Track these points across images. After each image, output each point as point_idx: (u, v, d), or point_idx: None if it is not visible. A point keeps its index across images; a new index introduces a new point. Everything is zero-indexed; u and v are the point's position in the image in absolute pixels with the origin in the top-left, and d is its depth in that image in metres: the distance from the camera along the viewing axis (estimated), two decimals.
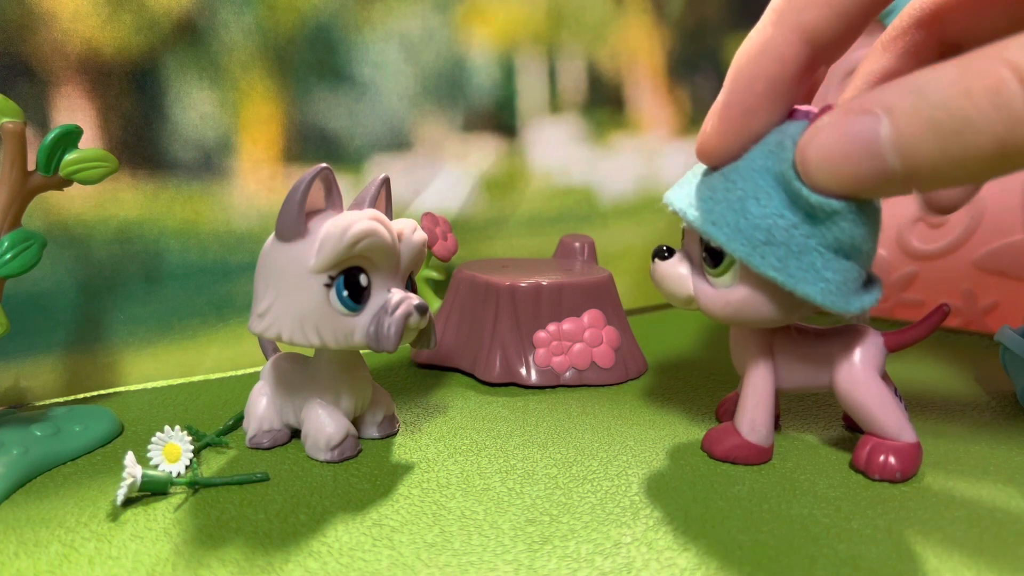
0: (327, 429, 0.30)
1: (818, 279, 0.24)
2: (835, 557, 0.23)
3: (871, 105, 0.20)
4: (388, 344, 0.27)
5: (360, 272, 0.28)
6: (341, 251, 0.27)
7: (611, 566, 0.22)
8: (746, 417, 0.29)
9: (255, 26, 0.43)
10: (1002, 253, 0.52)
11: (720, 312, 0.27)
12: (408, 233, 0.29)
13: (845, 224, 0.24)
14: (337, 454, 0.30)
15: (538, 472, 0.29)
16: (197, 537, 0.24)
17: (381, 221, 0.27)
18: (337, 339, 0.28)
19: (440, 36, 0.50)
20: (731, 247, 0.25)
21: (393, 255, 0.28)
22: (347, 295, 0.27)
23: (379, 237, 0.27)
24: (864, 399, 0.28)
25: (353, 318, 0.28)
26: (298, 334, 0.28)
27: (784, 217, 0.24)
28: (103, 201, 0.39)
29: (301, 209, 0.27)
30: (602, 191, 0.59)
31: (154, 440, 0.28)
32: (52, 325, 0.39)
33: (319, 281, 0.27)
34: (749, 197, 0.25)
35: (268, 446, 0.31)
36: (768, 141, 0.25)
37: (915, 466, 0.28)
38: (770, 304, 0.26)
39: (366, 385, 0.32)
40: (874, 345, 0.29)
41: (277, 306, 0.28)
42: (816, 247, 0.24)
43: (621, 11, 0.58)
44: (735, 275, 0.26)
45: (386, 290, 0.28)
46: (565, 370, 0.40)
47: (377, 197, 0.30)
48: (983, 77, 0.18)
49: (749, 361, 0.30)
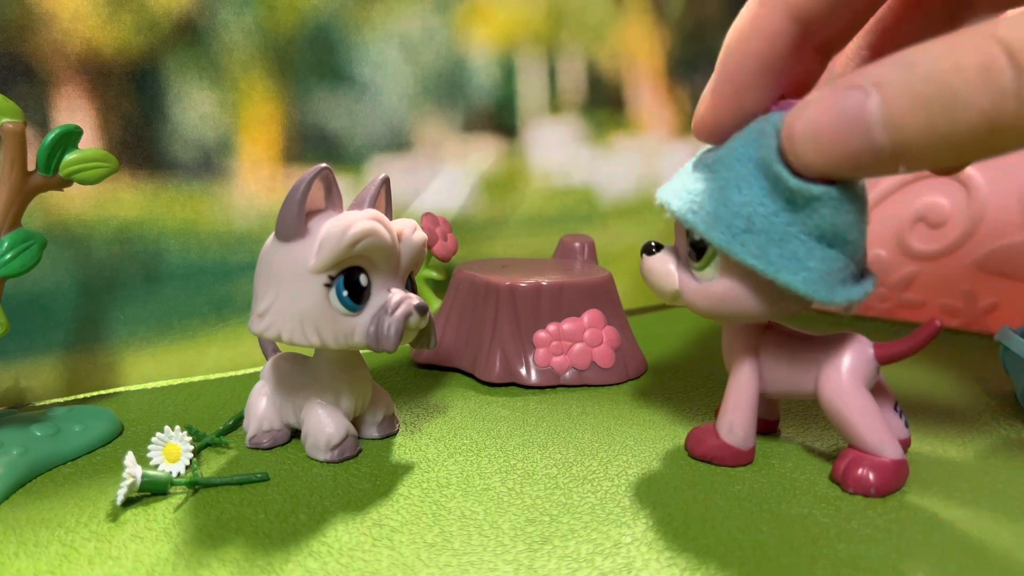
0: (327, 429, 0.30)
1: (800, 268, 0.24)
2: (835, 557, 0.23)
3: (860, 80, 0.20)
4: (388, 344, 0.27)
5: (360, 272, 0.28)
6: (341, 251, 0.27)
7: (611, 566, 0.22)
8: (725, 419, 0.29)
9: (255, 26, 0.43)
10: (1002, 253, 0.52)
11: (703, 306, 0.27)
12: (408, 233, 0.29)
13: (826, 211, 0.23)
14: (337, 454, 0.30)
15: (538, 472, 0.29)
16: (197, 537, 0.24)
17: (381, 221, 0.27)
18: (337, 339, 0.28)
19: (440, 36, 0.50)
20: (711, 235, 0.25)
21: (393, 255, 0.28)
22: (347, 295, 0.27)
23: (379, 237, 0.27)
24: (846, 410, 0.27)
25: (353, 318, 0.28)
26: (298, 334, 0.28)
27: (764, 205, 0.24)
28: (103, 201, 0.39)
29: (301, 209, 0.27)
30: (602, 191, 0.59)
31: (154, 440, 0.28)
32: (52, 325, 0.39)
33: (319, 281, 0.27)
34: (730, 185, 0.24)
35: (268, 446, 0.31)
36: (750, 130, 0.24)
37: (893, 483, 0.27)
38: (752, 297, 0.26)
39: (366, 385, 0.32)
40: (862, 355, 0.27)
41: (277, 306, 0.28)
42: (797, 235, 0.24)
43: (621, 11, 0.58)
44: (717, 267, 0.26)
45: (386, 290, 0.28)
46: (565, 370, 0.40)
47: (377, 197, 0.30)
48: (974, 53, 0.18)
49: (734, 361, 0.29)
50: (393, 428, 0.33)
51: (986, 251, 0.52)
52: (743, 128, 0.25)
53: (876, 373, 0.28)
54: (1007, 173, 0.51)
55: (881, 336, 0.29)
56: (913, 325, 0.51)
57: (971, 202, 0.52)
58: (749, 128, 0.25)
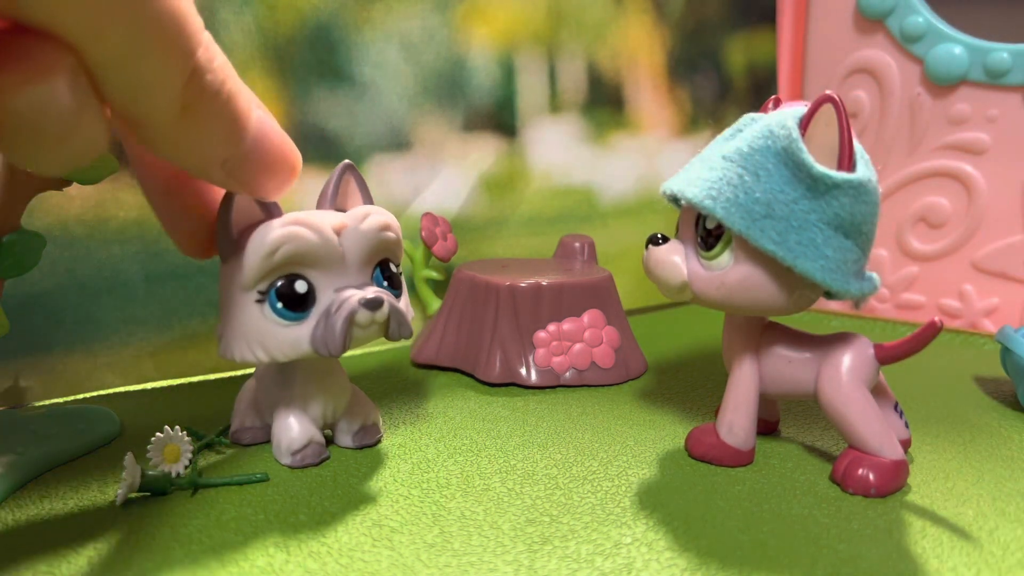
0: (290, 434, 0.29)
1: (818, 256, 0.24)
2: (835, 557, 0.23)
3: None
4: (334, 347, 0.26)
5: (298, 279, 0.26)
6: (260, 264, 0.26)
7: (611, 566, 0.22)
8: (725, 418, 0.29)
9: (255, 26, 0.43)
10: (1002, 253, 0.52)
11: (715, 295, 0.27)
12: (354, 223, 0.27)
13: (845, 199, 0.24)
14: (298, 459, 0.29)
15: (538, 472, 0.29)
16: (197, 537, 0.24)
17: (304, 223, 0.26)
18: (285, 352, 0.27)
19: (440, 36, 0.50)
20: (730, 221, 0.25)
21: (329, 254, 0.26)
22: (282, 307, 0.26)
23: (299, 242, 0.26)
24: (846, 410, 0.27)
25: (298, 327, 0.26)
26: (248, 353, 0.27)
27: (784, 192, 0.24)
28: (103, 201, 0.39)
29: (227, 226, 0.26)
30: (602, 191, 0.59)
31: (154, 440, 0.28)
32: (52, 325, 0.39)
33: (251, 297, 0.26)
34: (749, 173, 0.25)
35: (247, 442, 0.31)
36: (755, 128, 0.26)
37: (894, 483, 0.27)
38: (767, 285, 0.26)
39: (340, 392, 0.31)
40: (862, 355, 0.27)
41: (227, 328, 0.27)
42: (816, 223, 0.24)
43: (621, 11, 0.58)
44: (731, 255, 0.26)
45: (333, 290, 0.27)
46: (565, 370, 0.40)
47: (339, 188, 0.29)
48: None
49: (734, 361, 0.29)
50: (370, 439, 0.32)
51: (986, 251, 0.52)
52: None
53: (876, 373, 0.28)
54: (1007, 173, 0.51)
55: (881, 336, 0.29)
56: (913, 325, 0.50)
57: (971, 202, 0.52)
58: (753, 126, 0.25)
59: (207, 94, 0.19)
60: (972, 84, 0.51)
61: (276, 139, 0.23)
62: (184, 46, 0.18)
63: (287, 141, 0.23)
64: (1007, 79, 0.50)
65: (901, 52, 0.53)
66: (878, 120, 0.55)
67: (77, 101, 0.16)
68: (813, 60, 0.58)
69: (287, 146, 0.23)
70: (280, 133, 0.23)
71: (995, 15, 0.56)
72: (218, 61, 0.19)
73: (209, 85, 0.19)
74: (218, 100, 0.20)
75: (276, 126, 0.23)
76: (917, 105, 0.53)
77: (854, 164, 0.25)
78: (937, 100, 0.53)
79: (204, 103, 0.19)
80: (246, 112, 0.21)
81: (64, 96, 0.16)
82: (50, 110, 0.16)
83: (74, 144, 0.17)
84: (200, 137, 0.20)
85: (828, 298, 0.27)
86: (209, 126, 0.20)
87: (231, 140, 0.21)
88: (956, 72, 0.51)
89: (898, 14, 0.53)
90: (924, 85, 0.53)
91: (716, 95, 0.63)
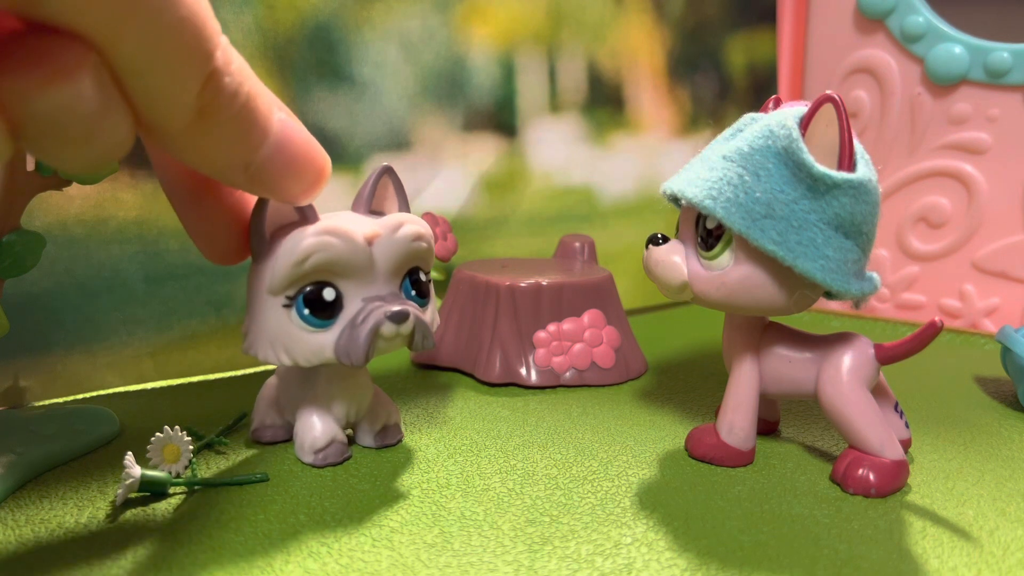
0: (313, 432, 0.29)
1: (818, 255, 0.24)
2: (836, 557, 0.23)
3: None
4: (357, 358, 0.26)
5: (326, 287, 0.26)
6: (290, 271, 0.26)
7: (611, 567, 0.22)
8: (725, 419, 0.29)
9: (255, 26, 0.43)
10: (1002, 253, 0.52)
11: (715, 295, 0.27)
12: (388, 233, 0.27)
13: (845, 199, 0.24)
14: (321, 458, 0.29)
15: (538, 472, 0.29)
16: (197, 537, 0.24)
17: (336, 232, 0.26)
18: (308, 358, 0.27)
19: (440, 36, 0.50)
20: (730, 221, 0.25)
21: (359, 264, 0.26)
22: (308, 313, 0.26)
23: (330, 251, 0.25)
24: (846, 410, 0.27)
25: (323, 334, 0.26)
26: (271, 355, 0.27)
27: (785, 192, 0.24)
28: (103, 201, 0.39)
29: (261, 226, 0.26)
30: (602, 191, 0.59)
31: (153, 440, 0.28)
32: (52, 325, 0.39)
33: (278, 302, 0.26)
34: (749, 173, 0.25)
35: (268, 441, 0.31)
36: (756, 128, 0.25)
37: (894, 483, 0.27)
38: (767, 285, 0.26)
39: (364, 393, 0.31)
40: (863, 355, 0.27)
41: (253, 327, 0.27)
42: (816, 223, 0.24)
43: (621, 11, 0.58)
44: (732, 255, 0.26)
45: (360, 300, 0.27)
46: (565, 370, 0.40)
47: (375, 190, 0.28)
48: None
49: (734, 361, 0.29)
50: (392, 439, 0.32)
51: (986, 251, 0.52)
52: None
53: (876, 373, 0.28)
54: (1007, 173, 0.51)
55: (881, 336, 0.29)
56: (913, 325, 0.50)
57: (971, 202, 0.52)
58: (752, 128, 0.25)
59: (224, 97, 0.19)
60: (972, 84, 0.51)
61: (300, 142, 0.22)
62: (202, 48, 0.18)
63: (313, 144, 0.23)
64: (1007, 79, 0.50)
65: (901, 52, 0.53)
66: (878, 120, 0.55)
67: (102, 100, 0.16)
68: (813, 60, 0.58)
69: (313, 149, 0.23)
70: (305, 136, 0.22)
71: (995, 15, 0.56)
72: (236, 64, 0.19)
73: (226, 88, 0.19)
74: (236, 103, 0.19)
75: (301, 129, 0.22)
76: (917, 105, 0.53)
77: (854, 164, 0.25)
78: (937, 100, 0.53)
79: (222, 107, 0.19)
80: (267, 115, 0.21)
81: (89, 95, 0.16)
82: (76, 109, 0.16)
83: (100, 143, 0.17)
84: (219, 141, 0.20)
85: (828, 298, 0.27)
86: (228, 130, 0.20)
87: (251, 144, 0.21)
88: (956, 72, 0.51)
89: (898, 14, 0.53)
90: (924, 85, 0.53)
91: (716, 95, 0.63)
